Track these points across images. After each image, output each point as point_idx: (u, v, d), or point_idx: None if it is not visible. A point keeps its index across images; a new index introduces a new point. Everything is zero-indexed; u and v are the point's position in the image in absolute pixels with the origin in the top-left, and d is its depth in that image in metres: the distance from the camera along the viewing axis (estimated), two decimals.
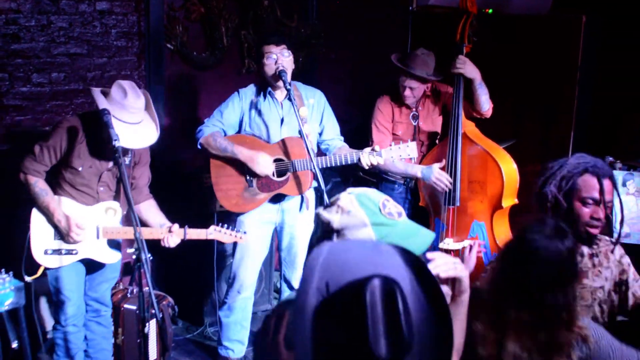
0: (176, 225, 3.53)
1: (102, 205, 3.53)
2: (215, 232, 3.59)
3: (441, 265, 1.86)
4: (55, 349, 3.68)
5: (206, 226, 3.58)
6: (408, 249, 1.28)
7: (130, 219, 3.54)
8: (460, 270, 1.89)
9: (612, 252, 2.69)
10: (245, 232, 3.68)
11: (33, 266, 3.44)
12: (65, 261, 3.48)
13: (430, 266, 1.81)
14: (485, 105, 4.14)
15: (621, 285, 2.67)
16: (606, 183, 2.54)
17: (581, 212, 2.54)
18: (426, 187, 4.28)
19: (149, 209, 3.68)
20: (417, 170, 4.14)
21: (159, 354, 4.16)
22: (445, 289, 1.92)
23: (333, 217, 1.64)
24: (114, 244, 3.62)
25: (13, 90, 4.11)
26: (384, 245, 1.30)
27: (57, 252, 3.45)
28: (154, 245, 3.47)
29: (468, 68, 4.02)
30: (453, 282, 1.93)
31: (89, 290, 3.73)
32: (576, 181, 2.55)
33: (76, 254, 3.50)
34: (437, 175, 4.04)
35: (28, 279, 3.42)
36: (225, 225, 3.62)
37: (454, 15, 4.14)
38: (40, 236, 3.44)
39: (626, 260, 2.72)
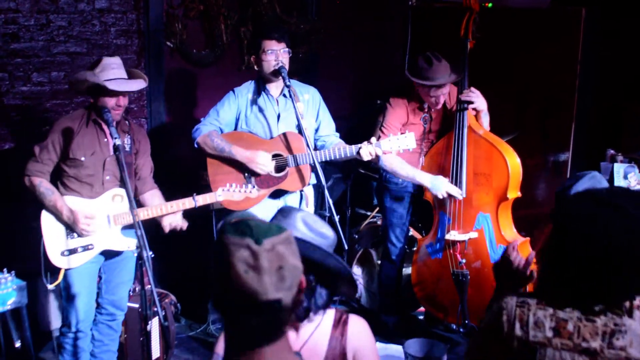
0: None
1: (108, 194, 3.50)
2: (224, 193, 3.58)
3: None
4: (62, 351, 3.66)
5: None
6: None
7: (139, 203, 3.61)
8: None
9: None
10: (254, 187, 3.67)
11: (53, 271, 3.39)
12: (84, 258, 3.44)
13: None
14: (487, 127, 4.16)
15: None
16: None
17: None
18: None
19: (152, 198, 3.69)
20: (426, 181, 4.09)
21: (162, 352, 4.16)
22: None
23: None
24: (127, 231, 3.56)
25: (13, 90, 4.11)
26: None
27: (73, 251, 3.42)
28: (157, 242, 3.46)
29: (480, 100, 4.03)
30: None
31: (106, 293, 3.69)
32: None
33: (92, 248, 3.46)
34: (447, 188, 4.01)
35: (50, 286, 3.38)
36: (234, 185, 3.61)
37: (455, 11, 4.14)
38: (53, 239, 3.40)
39: None
